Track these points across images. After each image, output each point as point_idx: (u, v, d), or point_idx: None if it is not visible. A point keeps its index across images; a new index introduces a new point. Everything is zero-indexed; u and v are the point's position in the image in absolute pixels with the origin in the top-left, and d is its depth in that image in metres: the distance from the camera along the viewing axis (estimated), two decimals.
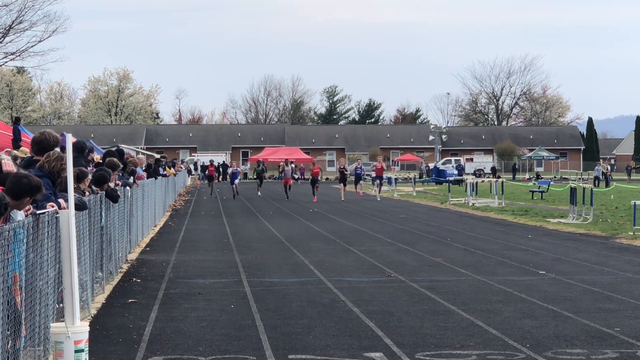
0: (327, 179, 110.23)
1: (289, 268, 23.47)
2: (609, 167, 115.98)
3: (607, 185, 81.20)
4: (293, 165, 78.69)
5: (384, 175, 67.75)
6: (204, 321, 15.83)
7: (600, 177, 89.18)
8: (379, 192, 63.40)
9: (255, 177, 76.35)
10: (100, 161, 22.82)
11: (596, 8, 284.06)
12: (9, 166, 12.31)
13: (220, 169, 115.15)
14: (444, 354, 13.11)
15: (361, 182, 68.46)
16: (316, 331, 14.88)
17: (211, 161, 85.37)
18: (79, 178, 15.86)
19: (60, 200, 13.23)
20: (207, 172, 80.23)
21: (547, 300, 18.14)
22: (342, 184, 62.31)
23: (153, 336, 14.49)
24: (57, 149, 14.17)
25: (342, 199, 58.62)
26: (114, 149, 30.11)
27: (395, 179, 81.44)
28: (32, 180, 11.11)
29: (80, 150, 20.03)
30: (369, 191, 71.66)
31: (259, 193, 66.40)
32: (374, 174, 67.32)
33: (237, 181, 66.09)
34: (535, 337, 14.32)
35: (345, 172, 62.32)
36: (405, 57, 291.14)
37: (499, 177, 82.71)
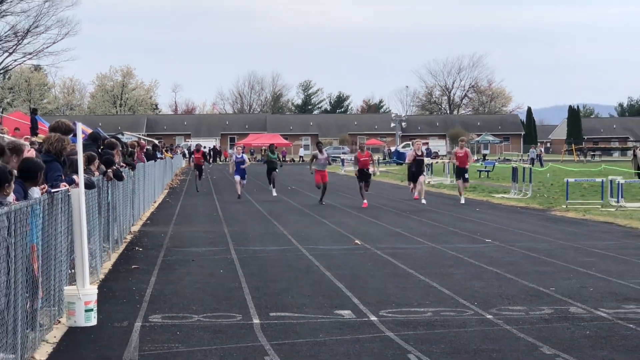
0: (292, 160, 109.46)
1: (270, 238, 23.45)
2: (542, 150, 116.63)
3: (541, 165, 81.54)
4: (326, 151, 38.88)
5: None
6: (197, 284, 15.80)
7: (535, 158, 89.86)
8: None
9: (265, 162, 44.82)
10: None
11: (536, 12, 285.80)
12: (31, 152, 12.21)
13: (211, 153, 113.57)
14: (403, 311, 13.11)
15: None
16: (294, 292, 14.87)
17: (198, 146, 55.04)
18: (89, 161, 15.78)
19: (75, 177, 13.17)
20: (193, 160, 54.33)
21: (492, 264, 18.18)
22: (411, 182, 39.38)
23: (153, 297, 14.46)
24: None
25: (423, 200, 35.04)
26: (118, 135, 30.10)
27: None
28: (32, 163, 11.08)
29: (95, 140, 19.99)
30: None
31: (274, 192, 41.11)
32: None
33: (244, 181, 40.15)
34: (482, 296, 14.35)
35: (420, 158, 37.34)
36: (370, 56, 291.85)
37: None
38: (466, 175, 36.51)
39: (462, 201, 36.22)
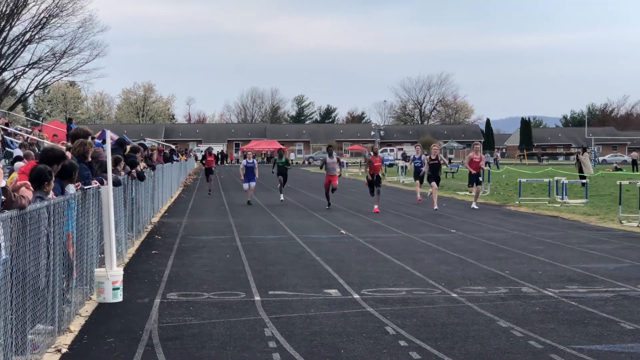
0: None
1: (269, 228, 23.43)
2: (498, 155, 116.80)
3: (497, 167, 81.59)
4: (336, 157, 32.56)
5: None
6: (207, 267, 15.80)
7: (492, 162, 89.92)
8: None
9: (274, 170, 35.39)
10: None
11: (494, 39, 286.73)
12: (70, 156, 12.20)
13: (219, 156, 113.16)
14: (382, 290, 13.12)
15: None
16: (289, 274, 14.87)
17: (209, 149, 45.82)
18: (116, 162, 15.77)
19: (104, 176, 13.16)
20: (204, 164, 45.44)
21: (456, 251, 18.20)
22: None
23: (170, 278, 14.45)
24: (90, 139, 14.02)
25: (435, 207, 29.63)
26: (141, 141, 30.05)
27: (347, 163, 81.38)
28: (68, 164, 11.05)
29: (121, 145, 20.09)
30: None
31: (282, 197, 34.90)
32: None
33: (253, 183, 34.22)
34: (448, 278, 14.36)
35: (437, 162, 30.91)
36: (354, 74, 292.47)
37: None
38: (480, 179, 31.60)
39: (475, 206, 30.69)
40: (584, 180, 37.56)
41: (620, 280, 14.16)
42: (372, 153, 31.52)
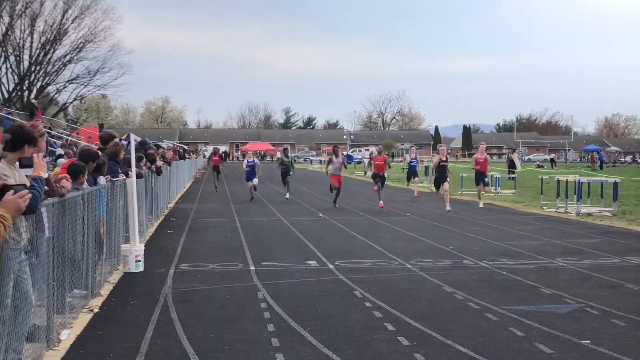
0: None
1: (262, 212, 23.38)
2: (449, 151, 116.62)
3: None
4: (342, 155, 26.86)
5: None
6: (212, 243, 15.76)
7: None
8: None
9: (281, 168, 30.59)
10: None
11: (440, 62, 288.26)
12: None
13: (223, 155, 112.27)
14: (351, 262, 13.13)
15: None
16: (278, 249, 14.85)
17: (216, 149, 40.40)
18: (139, 159, 15.70)
19: (129, 171, 13.09)
20: (211, 163, 40.31)
21: (410, 230, 18.23)
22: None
23: (182, 252, 14.41)
24: (117, 140, 13.95)
25: (448, 207, 23.73)
26: (158, 142, 29.88)
27: (322, 160, 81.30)
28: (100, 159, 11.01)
29: (143, 145, 19.97)
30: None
31: (288, 195, 29.62)
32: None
33: (256, 180, 29.63)
34: (404, 252, 14.39)
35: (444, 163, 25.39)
36: (331, 90, 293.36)
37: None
38: (486, 180, 27.18)
39: (481, 205, 25.79)
40: (513, 175, 37.72)
41: (541, 254, 14.24)
42: (376, 153, 26.32)
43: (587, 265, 12.95)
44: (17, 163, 6.78)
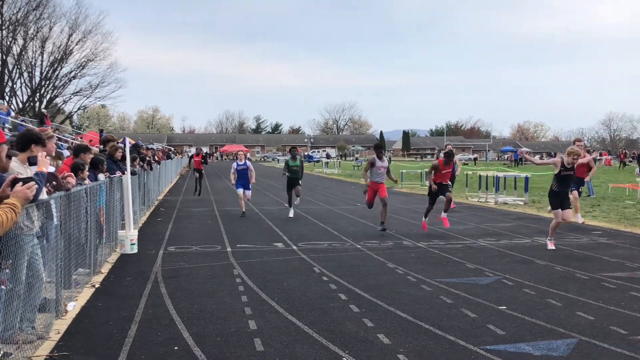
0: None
1: (237, 202, 23.27)
2: (389, 156, 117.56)
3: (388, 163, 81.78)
4: (385, 161, 15.30)
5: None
6: (195, 229, 15.64)
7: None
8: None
9: (286, 172, 18.16)
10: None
11: (382, 78, 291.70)
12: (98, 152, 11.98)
13: (206, 155, 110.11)
14: (312, 243, 13.13)
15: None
16: (250, 233, 14.80)
17: (198, 149, 29.77)
18: (133, 159, 15.53)
19: (125, 168, 12.94)
20: (192, 164, 31.28)
21: (361, 217, 18.29)
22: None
23: (170, 237, 14.28)
24: (114, 143, 13.81)
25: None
26: (148, 145, 29.50)
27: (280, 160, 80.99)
28: (98, 159, 10.89)
29: (136, 147, 19.76)
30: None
31: (291, 213, 18.35)
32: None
33: (249, 192, 18.70)
34: (355, 235, 14.43)
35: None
36: (294, 100, 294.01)
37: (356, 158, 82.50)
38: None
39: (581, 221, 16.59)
40: None
41: (466, 236, 14.39)
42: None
43: (503, 244, 13.13)
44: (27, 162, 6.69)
